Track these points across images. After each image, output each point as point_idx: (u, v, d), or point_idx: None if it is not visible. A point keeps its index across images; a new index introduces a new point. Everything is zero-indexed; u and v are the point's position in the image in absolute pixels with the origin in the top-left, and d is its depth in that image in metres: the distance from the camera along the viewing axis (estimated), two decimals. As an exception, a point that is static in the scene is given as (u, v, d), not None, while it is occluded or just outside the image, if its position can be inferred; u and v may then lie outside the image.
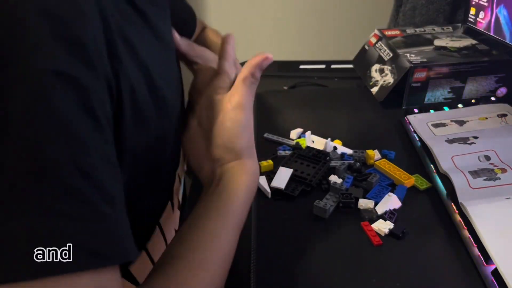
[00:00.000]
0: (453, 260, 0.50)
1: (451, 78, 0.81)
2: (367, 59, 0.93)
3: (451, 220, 0.55)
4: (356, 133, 0.76)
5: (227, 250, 0.40)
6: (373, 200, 0.57)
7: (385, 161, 0.66)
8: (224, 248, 0.40)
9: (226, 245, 0.40)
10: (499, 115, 0.74)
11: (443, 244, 0.52)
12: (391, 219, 0.55)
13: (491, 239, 0.49)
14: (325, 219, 0.56)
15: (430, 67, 0.79)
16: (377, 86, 0.85)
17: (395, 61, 0.84)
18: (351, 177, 0.62)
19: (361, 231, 0.54)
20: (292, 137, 0.74)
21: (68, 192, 0.28)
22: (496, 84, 0.82)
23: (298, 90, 0.94)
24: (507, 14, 0.75)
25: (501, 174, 0.59)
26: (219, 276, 0.39)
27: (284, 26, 1.81)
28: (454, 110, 0.79)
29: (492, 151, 0.64)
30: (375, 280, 0.48)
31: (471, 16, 0.86)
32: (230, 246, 0.41)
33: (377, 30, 0.96)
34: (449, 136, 0.70)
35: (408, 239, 0.53)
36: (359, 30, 1.45)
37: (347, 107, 0.85)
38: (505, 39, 0.76)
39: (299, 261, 0.50)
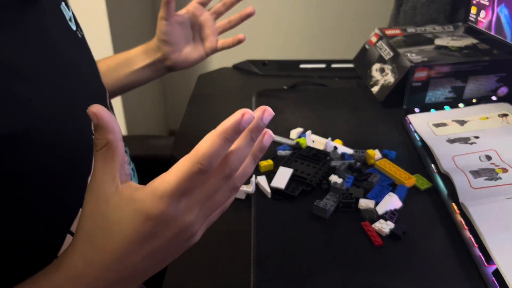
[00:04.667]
0: (454, 260, 0.50)
1: (452, 77, 0.81)
2: (367, 58, 0.93)
3: (452, 220, 0.55)
4: (356, 132, 0.76)
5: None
6: (373, 200, 0.57)
7: (386, 161, 0.65)
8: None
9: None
10: (500, 115, 0.74)
11: (444, 244, 0.52)
12: (391, 219, 0.55)
13: (492, 239, 0.49)
14: (325, 219, 0.56)
15: (431, 66, 0.79)
16: (378, 86, 0.85)
17: (396, 60, 0.83)
18: (352, 177, 0.62)
19: (361, 231, 0.54)
20: (292, 137, 0.74)
21: None
22: (497, 83, 0.82)
23: (298, 90, 0.94)
24: (508, 13, 0.75)
25: (502, 174, 0.59)
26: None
27: (284, 26, 1.81)
28: (455, 110, 0.78)
29: (493, 151, 0.64)
30: (376, 280, 0.48)
31: (472, 15, 0.86)
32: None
33: (377, 29, 0.96)
34: (450, 136, 0.69)
35: (408, 239, 0.53)
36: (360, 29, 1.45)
37: (347, 107, 0.85)
38: (506, 39, 0.76)
39: (299, 261, 0.50)
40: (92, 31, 0.59)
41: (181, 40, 0.74)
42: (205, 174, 0.32)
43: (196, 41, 0.76)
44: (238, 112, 0.32)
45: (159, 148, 0.94)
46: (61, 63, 0.46)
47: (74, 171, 0.43)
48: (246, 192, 0.60)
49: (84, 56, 0.55)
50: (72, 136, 0.43)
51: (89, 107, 0.31)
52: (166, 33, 0.72)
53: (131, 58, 0.75)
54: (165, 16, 0.70)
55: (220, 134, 0.32)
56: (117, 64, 0.75)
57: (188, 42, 0.75)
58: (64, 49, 0.48)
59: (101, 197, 0.33)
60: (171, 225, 0.33)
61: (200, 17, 0.75)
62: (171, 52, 0.74)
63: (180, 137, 0.78)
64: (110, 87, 0.74)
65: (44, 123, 0.39)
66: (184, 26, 0.74)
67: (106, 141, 0.32)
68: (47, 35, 0.45)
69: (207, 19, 0.75)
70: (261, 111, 0.35)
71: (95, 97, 0.54)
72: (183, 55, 0.75)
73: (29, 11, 0.43)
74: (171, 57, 0.74)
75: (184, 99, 0.85)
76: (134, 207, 0.32)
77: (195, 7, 0.75)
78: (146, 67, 0.75)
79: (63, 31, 0.51)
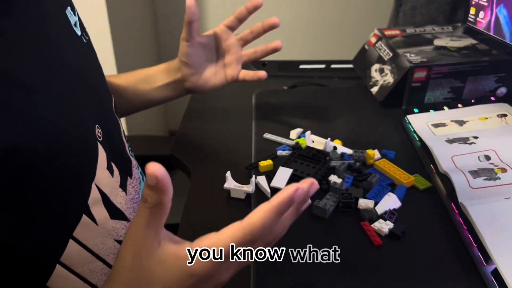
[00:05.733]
0: (453, 260, 0.50)
1: (451, 78, 0.81)
2: (367, 59, 0.93)
3: (451, 220, 0.55)
4: (356, 133, 0.76)
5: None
6: (373, 200, 0.57)
7: (385, 161, 0.65)
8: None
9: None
10: (499, 115, 0.74)
11: (443, 244, 0.52)
12: (391, 219, 0.55)
13: (491, 239, 0.49)
14: (325, 219, 0.56)
15: (430, 67, 0.79)
16: (377, 86, 0.85)
17: (395, 61, 0.83)
18: (351, 177, 0.62)
19: (361, 231, 0.54)
20: (292, 137, 0.74)
21: None
22: (496, 84, 0.82)
23: (298, 90, 0.94)
24: (507, 13, 0.75)
25: (501, 174, 0.59)
26: None
27: (284, 26, 1.81)
28: (454, 110, 0.79)
29: (492, 151, 0.64)
30: (375, 280, 0.48)
31: (471, 15, 0.86)
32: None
33: (377, 29, 0.96)
34: (449, 136, 0.70)
35: (408, 239, 0.53)
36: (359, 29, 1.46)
37: (347, 107, 0.85)
38: (505, 39, 0.76)
39: (298, 261, 0.50)
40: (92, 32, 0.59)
41: (203, 63, 0.71)
42: (252, 244, 0.35)
43: (219, 66, 0.73)
44: (292, 187, 0.34)
45: (159, 148, 0.94)
46: (66, 70, 0.46)
47: (77, 178, 0.44)
48: (246, 192, 0.61)
49: (89, 61, 0.55)
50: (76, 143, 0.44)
51: (147, 166, 0.32)
52: (186, 55, 0.69)
53: (152, 75, 0.73)
54: (187, 37, 0.67)
55: (274, 208, 0.34)
56: (137, 80, 0.73)
57: (210, 67, 0.72)
58: (69, 55, 0.48)
59: (144, 251, 0.34)
60: (211, 281, 0.36)
61: (226, 41, 0.72)
62: (191, 74, 0.71)
63: (180, 137, 0.79)
64: (128, 102, 0.73)
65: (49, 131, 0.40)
66: (208, 49, 0.71)
67: (159, 201, 0.33)
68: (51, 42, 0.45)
69: (233, 44, 0.72)
70: (308, 185, 0.37)
71: (101, 103, 0.54)
72: (203, 79, 0.72)
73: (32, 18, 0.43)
74: (191, 79, 0.71)
75: (184, 99, 0.86)
76: (179, 264, 0.34)
77: (222, 30, 0.71)
78: (165, 86, 0.73)
79: (68, 36, 0.51)
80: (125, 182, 0.55)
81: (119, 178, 0.53)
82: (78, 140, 0.44)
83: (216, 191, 0.62)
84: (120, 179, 0.54)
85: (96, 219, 0.47)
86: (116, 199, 0.51)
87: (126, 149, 0.60)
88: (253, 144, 0.74)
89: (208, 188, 0.64)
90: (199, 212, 0.60)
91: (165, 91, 0.73)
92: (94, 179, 0.47)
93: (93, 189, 0.47)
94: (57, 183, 0.40)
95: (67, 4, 0.53)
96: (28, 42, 0.42)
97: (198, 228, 0.57)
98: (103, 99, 0.55)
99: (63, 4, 0.52)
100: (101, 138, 0.50)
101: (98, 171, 0.48)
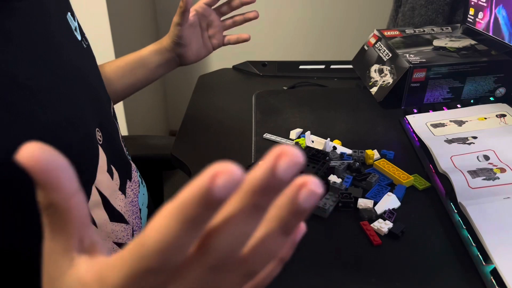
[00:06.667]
0: (452, 259, 0.50)
1: (450, 78, 0.81)
2: (366, 59, 0.93)
3: (450, 219, 0.55)
4: (355, 133, 0.76)
5: None
6: (372, 199, 0.58)
7: (384, 161, 0.66)
8: None
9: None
10: (498, 115, 0.74)
11: (442, 244, 0.52)
12: (390, 218, 0.55)
13: (490, 239, 0.49)
14: (324, 218, 0.56)
15: (429, 67, 0.79)
16: (376, 86, 0.86)
17: (394, 61, 0.84)
18: (351, 177, 0.62)
19: (360, 230, 0.54)
20: (291, 137, 0.74)
21: None
22: (495, 84, 0.83)
23: (298, 90, 0.95)
24: (506, 14, 0.76)
25: (500, 174, 0.59)
26: None
27: (284, 27, 1.81)
28: (453, 110, 0.79)
29: (491, 151, 0.64)
30: (374, 279, 0.48)
31: (470, 16, 0.86)
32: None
33: (376, 30, 0.96)
34: (448, 136, 0.70)
35: (407, 239, 0.53)
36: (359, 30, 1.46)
37: (346, 107, 0.85)
38: (504, 39, 0.76)
39: (298, 260, 0.51)
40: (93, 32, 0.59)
41: (192, 40, 0.79)
42: (160, 273, 0.20)
43: (205, 39, 0.81)
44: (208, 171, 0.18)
45: (159, 148, 0.94)
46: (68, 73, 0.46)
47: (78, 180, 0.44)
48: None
49: (90, 65, 0.56)
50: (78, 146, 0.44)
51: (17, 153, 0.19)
52: (180, 37, 0.76)
53: (145, 57, 0.79)
54: (181, 22, 0.74)
55: (175, 212, 0.19)
56: (131, 65, 0.79)
57: (198, 41, 0.80)
58: (71, 58, 0.48)
59: (54, 271, 0.24)
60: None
61: (208, 17, 0.80)
62: (184, 51, 0.78)
63: (180, 137, 0.79)
64: (127, 86, 0.79)
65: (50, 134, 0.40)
66: (194, 27, 0.78)
67: (48, 202, 0.21)
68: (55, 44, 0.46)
69: (214, 19, 0.80)
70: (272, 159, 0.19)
71: (101, 106, 0.54)
72: (194, 52, 0.80)
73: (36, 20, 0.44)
74: (184, 55, 0.79)
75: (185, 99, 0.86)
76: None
77: (203, 8, 0.79)
78: (161, 65, 0.80)
79: (70, 40, 0.51)
80: (124, 185, 0.55)
81: (118, 181, 0.54)
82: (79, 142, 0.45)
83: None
84: (120, 182, 0.54)
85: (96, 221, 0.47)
86: (115, 202, 0.52)
87: (125, 152, 0.61)
88: (253, 144, 0.74)
89: (208, 188, 0.64)
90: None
91: (161, 70, 0.81)
92: (94, 182, 0.47)
93: (93, 191, 0.47)
94: None
95: (68, 9, 0.54)
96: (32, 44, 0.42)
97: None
98: (103, 102, 0.56)
99: (64, 9, 0.53)
100: (101, 141, 0.50)
101: (98, 174, 0.48)
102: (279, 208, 0.21)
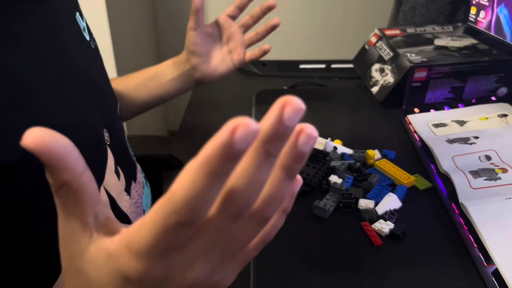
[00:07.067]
0: (453, 260, 0.50)
1: (451, 78, 0.81)
2: (367, 58, 0.93)
3: (452, 220, 0.55)
4: (356, 133, 0.76)
5: None
6: (373, 200, 0.57)
7: (385, 161, 0.65)
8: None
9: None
10: (499, 115, 0.74)
11: (444, 244, 0.52)
12: (391, 219, 0.55)
13: (491, 239, 0.49)
14: (325, 219, 0.56)
15: (430, 66, 0.79)
16: (377, 86, 0.85)
17: (396, 60, 0.83)
18: (351, 177, 0.62)
19: (361, 231, 0.54)
20: (292, 137, 0.74)
21: None
22: (496, 84, 0.82)
23: (298, 90, 0.94)
24: (507, 13, 0.75)
25: (501, 174, 0.59)
26: None
27: (284, 26, 1.81)
28: (454, 110, 0.78)
29: (492, 151, 0.64)
30: (375, 280, 0.48)
31: (472, 15, 0.86)
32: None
33: (377, 29, 0.96)
34: (450, 136, 0.69)
35: (408, 239, 0.53)
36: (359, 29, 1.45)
37: (347, 107, 0.85)
38: (506, 39, 0.76)
39: (299, 261, 0.50)
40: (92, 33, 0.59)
41: (210, 51, 0.73)
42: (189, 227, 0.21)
43: (225, 53, 0.74)
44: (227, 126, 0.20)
45: (159, 148, 0.94)
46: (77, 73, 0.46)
47: None
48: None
49: (97, 66, 0.55)
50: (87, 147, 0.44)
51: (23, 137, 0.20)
52: (195, 44, 0.71)
53: (160, 71, 0.74)
54: (194, 26, 0.69)
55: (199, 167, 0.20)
56: (146, 78, 0.74)
57: (217, 54, 0.74)
58: (79, 59, 0.48)
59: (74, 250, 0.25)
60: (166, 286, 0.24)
61: (229, 29, 0.74)
62: (200, 63, 0.72)
63: (180, 137, 0.78)
64: (140, 101, 0.74)
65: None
66: (213, 38, 0.73)
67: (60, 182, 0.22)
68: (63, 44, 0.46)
69: (236, 31, 0.74)
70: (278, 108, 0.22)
71: (108, 107, 0.54)
72: (212, 67, 0.73)
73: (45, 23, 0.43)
74: (200, 68, 0.73)
75: (184, 99, 0.86)
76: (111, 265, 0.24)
77: (224, 19, 0.74)
78: (174, 79, 0.74)
79: (78, 40, 0.51)
80: (129, 186, 0.55)
81: (124, 182, 0.54)
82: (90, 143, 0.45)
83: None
84: (125, 183, 0.54)
85: None
86: (121, 203, 0.52)
87: (130, 153, 0.61)
88: (253, 144, 0.73)
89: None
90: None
91: (175, 85, 0.74)
92: (103, 183, 0.47)
93: (102, 192, 0.47)
94: None
95: (76, 9, 0.53)
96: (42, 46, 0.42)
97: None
98: (109, 103, 0.55)
99: (72, 9, 0.52)
100: (109, 141, 0.50)
101: (107, 174, 0.48)
102: (283, 155, 0.23)
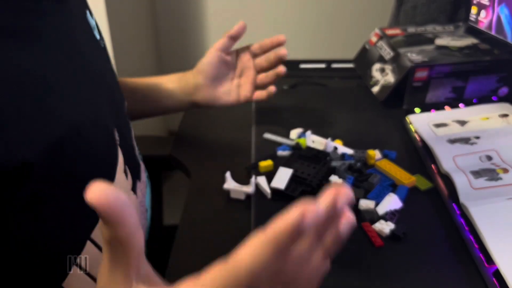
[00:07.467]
0: (454, 260, 0.50)
1: (452, 77, 0.80)
2: (368, 58, 0.93)
3: (453, 220, 0.55)
4: (356, 133, 0.75)
5: None
6: (374, 200, 0.57)
7: (386, 161, 0.65)
8: None
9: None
10: (500, 115, 0.73)
11: (445, 245, 0.52)
12: (392, 219, 0.54)
13: (492, 240, 0.49)
14: (325, 219, 0.56)
15: (431, 66, 0.79)
16: (378, 86, 0.85)
17: (396, 60, 0.83)
18: (352, 178, 0.61)
19: (361, 232, 0.54)
20: (292, 137, 0.73)
21: None
22: (497, 83, 0.82)
23: (298, 90, 0.94)
24: (508, 13, 0.75)
25: (503, 174, 0.59)
26: None
27: (284, 26, 1.81)
28: (455, 110, 0.78)
29: (494, 151, 0.64)
30: (376, 281, 0.47)
31: (473, 15, 0.86)
32: None
33: (378, 29, 0.96)
34: (451, 136, 0.69)
35: (409, 240, 0.52)
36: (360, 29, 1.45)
37: (347, 107, 0.84)
38: (507, 38, 0.76)
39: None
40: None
41: (219, 78, 0.71)
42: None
43: (234, 86, 0.72)
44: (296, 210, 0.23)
45: (159, 148, 0.94)
46: (89, 72, 0.46)
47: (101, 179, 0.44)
48: (245, 193, 0.60)
49: (107, 65, 0.55)
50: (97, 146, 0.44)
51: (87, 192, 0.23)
52: (209, 64, 0.69)
53: (163, 82, 0.73)
54: (221, 48, 0.68)
55: (270, 242, 0.23)
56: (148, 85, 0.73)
57: (225, 84, 0.72)
58: (91, 57, 0.48)
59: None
60: None
61: (245, 63, 0.72)
62: (204, 85, 0.70)
63: (180, 137, 0.78)
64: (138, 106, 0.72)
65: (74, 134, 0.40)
66: (228, 67, 0.71)
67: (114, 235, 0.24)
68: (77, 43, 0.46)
69: (250, 67, 0.72)
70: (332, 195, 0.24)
71: (118, 106, 0.54)
72: (215, 94, 0.71)
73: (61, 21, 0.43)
74: (202, 90, 0.71)
75: None
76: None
77: (244, 53, 0.72)
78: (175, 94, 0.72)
79: (90, 39, 0.51)
80: (135, 185, 0.55)
81: (131, 181, 0.54)
82: (102, 142, 0.45)
83: (216, 192, 0.62)
84: (132, 182, 0.54)
85: None
86: None
87: (136, 152, 0.61)
88: (253, 144, 0.73)
89: (208, 189, 0.63)
90: (199, 213, 0.60)
91: (173, 100, 0.72)
92: (114, 182, 0.47)
93: None
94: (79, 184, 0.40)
95: (86, 7, 0.53)
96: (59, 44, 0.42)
97: (197, 229, 0.57)
98: (118, 102, 0.55)
99: (83, 7, 0.52)
100: (119, 141, 0.50)
101: (117, 174, 0.48)
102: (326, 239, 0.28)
